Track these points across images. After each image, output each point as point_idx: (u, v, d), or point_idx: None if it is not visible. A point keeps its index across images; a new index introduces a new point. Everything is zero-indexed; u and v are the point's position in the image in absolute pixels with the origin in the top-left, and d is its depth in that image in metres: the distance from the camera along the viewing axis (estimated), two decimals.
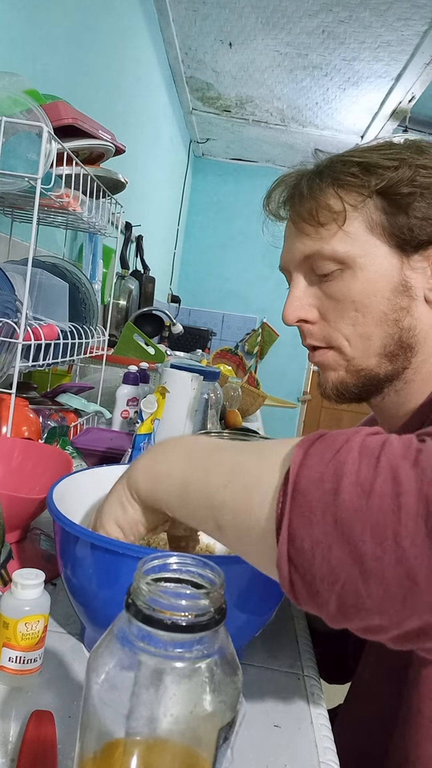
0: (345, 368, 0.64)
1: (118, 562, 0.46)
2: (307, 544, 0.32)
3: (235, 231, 4.70)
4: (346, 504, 0.32)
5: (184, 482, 0.43)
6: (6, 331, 0.82)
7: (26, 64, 1.31)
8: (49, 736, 0.42)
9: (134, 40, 2.33)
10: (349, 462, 0.33)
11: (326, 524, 0.32)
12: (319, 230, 0.61)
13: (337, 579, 0.32)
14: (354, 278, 0.60)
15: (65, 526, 0.49)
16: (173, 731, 0.27)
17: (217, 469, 0.41)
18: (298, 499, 0.33)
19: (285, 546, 0.33)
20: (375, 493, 0.31)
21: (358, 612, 0.32)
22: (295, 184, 0.65)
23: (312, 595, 0.33)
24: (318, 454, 0.35)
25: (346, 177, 0.60)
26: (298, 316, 0.65)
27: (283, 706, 0.52)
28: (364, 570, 0.31)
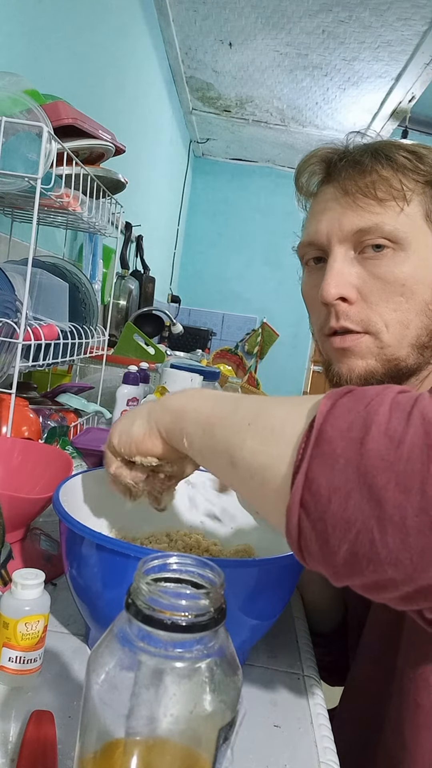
0: (376, 357, 0.60)
1: (123, 562, 0.46)
2: (324, 490, 0.32)
3: (235, 231, 4.70)
4: (372, 453, 0.31)
5: (210, 416, 0.43)
6: (6, 331, 0.82)
7: (26, 64, 1.31)
8: (49, 736, 0.42)
9: (134, 40, 2.33)
10: (380, 413, 0.33)
11: (348, 472, 0.31)
12: (380, 205, 0.58)
13: (353, 526, 0.31)
14: (406, 261, 0.58)
15: (71, 526, 0.49)
16: (173, 731, 0.27)
17: (244, 409, 0.41)
18: (322, 446, 0.33)
19: (300, 491, 0.33)
20: (405, 443, 0.31)
21: (369, 563, 0.31)
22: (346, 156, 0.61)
23: (321, 543, 0.33)
24: (347, 404, 0.34)
25: (403, 160, 0.59)
26: (340, 293, 0.59)
27: (283, 706, 0.52)
28: (384, 518, 0.30)
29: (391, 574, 0.31)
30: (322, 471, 0.32)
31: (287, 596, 0.55)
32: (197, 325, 4.04)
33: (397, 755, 0.54)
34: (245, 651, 0.56)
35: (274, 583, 0.51)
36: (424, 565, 0.30)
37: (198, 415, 0.44)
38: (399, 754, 0.53)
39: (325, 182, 0.64)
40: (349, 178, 0.60)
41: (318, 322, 0.65)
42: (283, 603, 0.55)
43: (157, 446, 0.49)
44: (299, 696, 0.54)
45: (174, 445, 0.48)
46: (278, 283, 4.66)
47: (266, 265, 4.67)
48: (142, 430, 0.49)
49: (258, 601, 0.51)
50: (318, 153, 0.65)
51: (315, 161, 0.65)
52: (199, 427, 0.44)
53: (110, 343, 1.72)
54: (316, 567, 0.34)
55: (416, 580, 0.30)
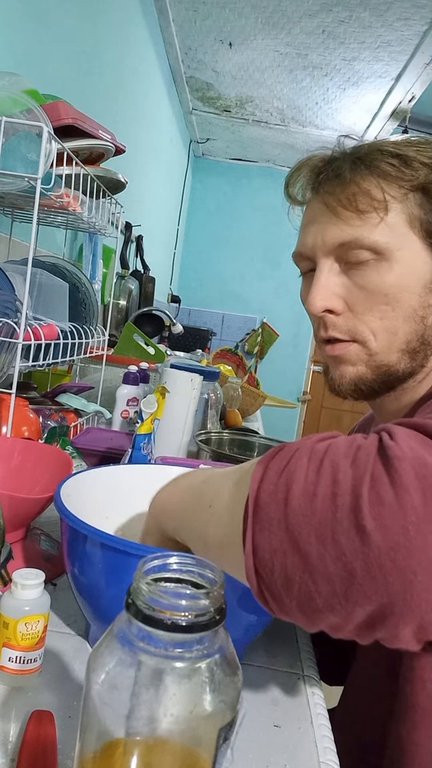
0: (366, 363, 0.61)
1: (125, 560, 0.46)
2: (267, 555, 0.34)
3: (235, 231, 4.70)
4: (295, 510, 0.33)
5: (182, 507, 0.46)
6: (6, 331, 0.82)
7: (26, 64, 1.31)
8: (49, 736, 0.42)
9: (134, 40, 2.33)
10: (297, 469, 0.35)
11: (280, 532, 0.33)
12: (359, 217, 0.59)
13: (293, 583, 0.33)
14: (389, 270, 0.59)
15: (73, 524, 0.49)
16: (173, 731, 0.27)
17: (206, 493, 0.44)
18: (258, 513, 0.35)
19: (251, 559, 0.35)
20: (318, 496, 0.33)
21: (314, 613, 0.33)
22: (329, 167, 0.62)
23: (277, 602, 0.35)
24: (275, 467, 0.36)
25: (386, 167, 0.58)
26: (326, 306, 0.61)
27: (283, 706, 0.52)
28: (313, 570, 0.32)
29: (332, 619, 0.33)
30: (262, 536, 0.34)
31: None
32: (197, 325, 4.04)
33: (395, 755, 0.54)
34: (243, 647, 0.56)
35: None
36: (350, 606, 0.32)
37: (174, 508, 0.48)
38: (397, 754, 0.54)
39: (313, 193, 0.65)
40: (330, 192, 0.61)
41: (314, 329, 0.67)
42: None
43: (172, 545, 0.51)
44: (299, 696, 0.54)
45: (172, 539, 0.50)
46: (278, 283, 4.66)
47: (266, 265, 4.67)
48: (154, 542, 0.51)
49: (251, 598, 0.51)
50: (307, 163, 0.65)
51: (304, 172, 0.65)
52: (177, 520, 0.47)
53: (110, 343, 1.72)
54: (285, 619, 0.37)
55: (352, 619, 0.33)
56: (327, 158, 0.64)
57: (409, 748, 0.52)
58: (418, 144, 0.60)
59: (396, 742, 0.54)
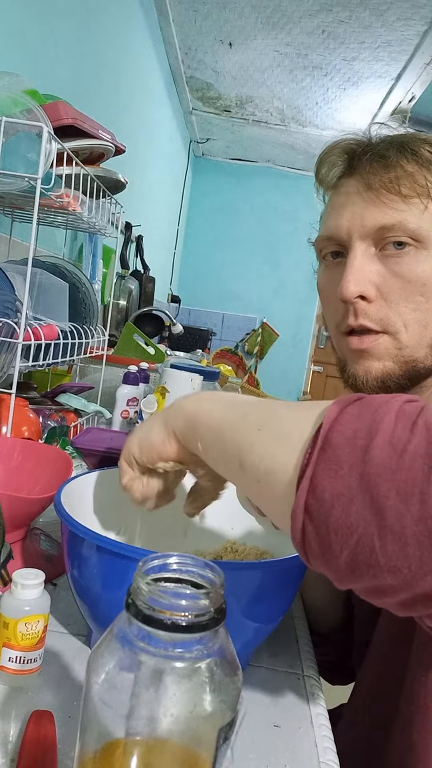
0: (393, 358, 0.58)
1: (124, 564, 0.46)
2: (327, 495, 0.32)
3: (235, 231, 4.70)
4: (375, 460, 0.31)
5: (222, 419, 0.43)
6: (6, 331, 0.82)
7: (26, 64, 1.31)
8: (49, 736, 0.42)
9: (134, 40, 2.33)
10: (385, 422, 0.33)
11: (352, 478, 0.32)
12: (402, 202, 0.57)
13: (353, 532, 0.31)
14: (428, 260, 0.57)
15: (73, 528, 0.49)
16: (173, 731, 0.27)
17: (255, 414, 0.41)
18: (327, 452, 0.33)
19: (304, 495, 0.33)
20: (407, 452, 0.31)
21: (369, 569, 0.31)
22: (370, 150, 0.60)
23: (324, 548, 0.33)
24: (354, 412, 0.34)
25: (427, 154, 0.57)
26: (360, 291, 0.57)
27: (283, 706, 0.52)
28: (384, 525, 0.30)
29: (389, 581, 0.31)
30: (326, 476, 0.33)
31: (290, 599, 0.54)
32: (197, 325, 4.04)
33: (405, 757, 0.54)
34: (248, 654, 0.56)
35: (277, 585, 0.51)
36: (421, 573, 0.30)
37: (210, 419, 0.45)
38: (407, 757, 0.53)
39: (347, 175, 0.62)
40: (373, 173, 0.58)
41: (335, 319, 0.63)
42: (286, 606, 0.54)
43: (175, 450, 0.49)
44: (299, 696, 0.54)
45: (190, 449, 0.48)
46: (278, 283, 4.66)
47: (266, 265, 4.67)
48: (160, 436, 0.49)
49: (261, 604, 0.50)
50: (340, 144, 0.63)
51: (337, 152, 0.63)
52: (210, 431, 0.44)
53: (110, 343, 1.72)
54: (320, 569, 0.35)
55: (414, 587, 0.31)
56: (363, 142, 0.62)
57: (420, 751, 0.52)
58: None
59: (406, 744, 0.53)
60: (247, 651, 0.56)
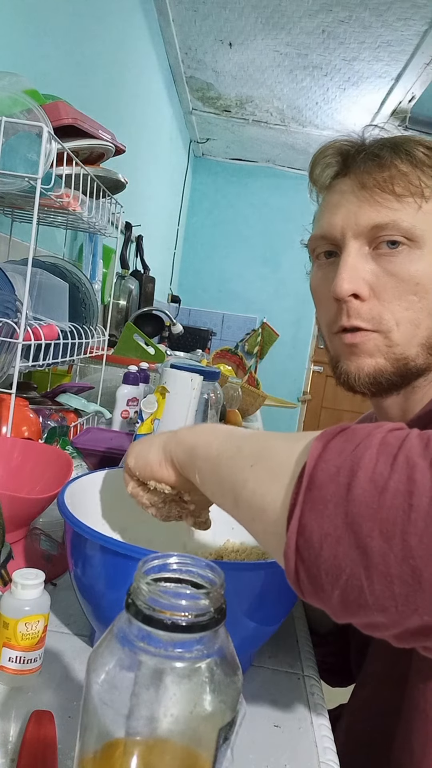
0: (385, 355, 0.59)
1: (128, 564, 0.46)
2: (315, 537, 0.32)
3: (235, 231, 4.69)
4: (358, 499, 0.31)
5: (219, 453, 0.44)
6: (6, 331, 0.82)
7: (26, 64, 1.31)
8: (49, 736, 0.42)
9: (134, 40, 2.33)
10: (366, 458, 0.33)
11: (337, 518, 0.32)
12: (396, 201, 0.57)
13: (342, 573, 0.31)
14: (421, 259, 0.57)
15: (77, 528, 0.49)
16: (173, 731, 0.27)
17: (249, 448, 0.42)
18: (312, 491, 0.33)
19: (294, 537, 0.33)
20: (388, 490, 0.31)
21: (360, 608, 0.32)
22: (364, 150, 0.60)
23: (316, 588, 0.33)
24: (337, 447, 0.34)
25: (421, 155, 0.57)
26: (353, 289, 0.58)
27: (283, 706, 0.52)
28: (369, 566, 0.30)
29: (379, 618, 0.32)
30: (313, 517, 0.33)
31: (293, 600, 0.54)
32: (197, 325, 4.04)
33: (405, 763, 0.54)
34: (251, 655, 0.56)
35: (280, 586, 0.51)
36: (408, 612, 0.30)
37: (208, 452, 0.45)
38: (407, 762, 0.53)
39: (341, 175, 0.62)
40: (367, 172, 0.58)
41: (327, 318, 0.63)
42: (288, 606, 0.54)
43: (171, 476, 0.50)
44: (299, 696, 0.54)
45: (189, 479, 0.49)
46: (278, 283, 4.66)
47: (266, 265, 4.67)
48: (157, 458, 0.50)
49: (264, 605, 0.50)
50: (334, 145, 0.63)
51: (330, 153, 0.63)
52: (209, 464, 0.45)
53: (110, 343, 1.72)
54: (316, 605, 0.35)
55: (403, 624, 0.31)
56: (357, 143, 0.62)
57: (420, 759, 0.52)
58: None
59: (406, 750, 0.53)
60: (250, 652, 0.56)
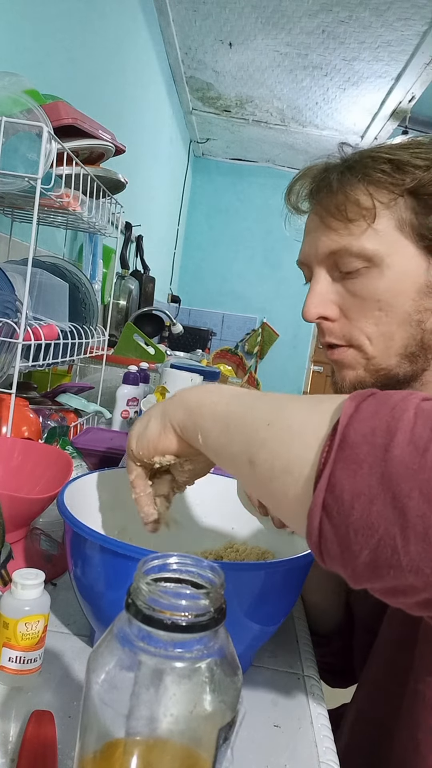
0: (364, 367, 0.62)
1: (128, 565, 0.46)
2: (347, 495, 0.32)
3: (235, 231, 4.70)
4: (396, 460, 0.31)
5: (227, 413, 0.43)
6: (6, 331, 0.82)
7: (26, 64, 1.31)
8: (49, 736, 0.42)
9: (134, 40, 2.33)
10: (404, 420, 0.32)
11: (372, 477, 0.31)
12: (348, 226, 0.60)
13: (375, 533, 0.31)
14: (380, 277, 0.59)
15: (77, 528, 0.49)
16: (173, 731, 0.27)
17: (264, 408, 0.41)
18: (345, 450, 0.33)
19: (322, 494, 0.33)
20: (429, 452, 0.31)
21: (390, 569, 0.31)
22: (322, 177, 0.63)
23: (343, 547, 0.32)
24: (371, 408, 0.34)
25: (376, 174, 0.59)
26: (320, 313, 0.63)
27: (283, 706, 0.52)
28: (406, 526, 0.30)
29: (411, 580, 0.31)
30: (345, 475, 0.32)
31: (293, 600, 0.54)
32: (197, 325, 4.04)
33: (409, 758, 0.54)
34: (251, 656, 0.56)
35: (281, 586, 0.51)
36: None
37: (214, 411, 0.44)
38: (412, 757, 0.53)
39: (309, 203, 0.66)
40: (321, 202, 0.62)
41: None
42: (289, 606, 0.54)
43: (173, 443, 0.48)
44: (299, 696, 0.54)
45: (189, 442, 0.47)
46: (278, 283, 4.66)
47: (266, 265, 4.67)
48: (157, 429, 0.49)
49: (264, 605, 0.50)
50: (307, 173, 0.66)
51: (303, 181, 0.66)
52: (215, 423, 0.43)
53: (110, 343, 1.72)
54: (336, 569, 0.34)
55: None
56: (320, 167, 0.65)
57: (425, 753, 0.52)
58: (419, 145, 0.60)
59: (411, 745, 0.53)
60: (251, 652, 0.56)
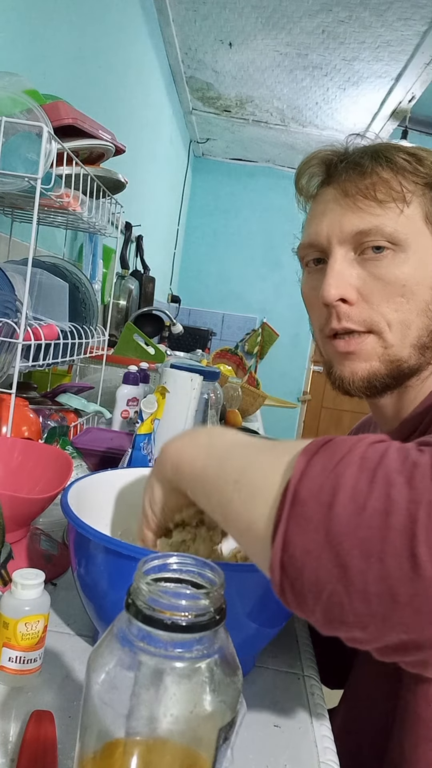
0: (379, 357, 0.60)
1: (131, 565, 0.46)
2: (298, 553, 0.33)
3: (235, 231, 4.69)
4: (339, 518, 0.32)
5: (203, 470, 0.43)
6: (6, 331, 0.82)
7: (26, 64, 1.31)
8: (49, 736, 0.42)
9: (134, 40, 2.33)
10: (347, 475, 0.33)
11: (318, 535, 0.32)
12: (381, 206, 0.59)
13: (323, 590, 0.32)
14: (406, 262, 0.59)
15: (80, 529, 0.49)
16: (173, 731, 0.27)
17: (233, 464, 0.41)
18: (296, 508, 0.34)
19: (279, 553, 0.34)
20: (367, 509, 0.31)
21: (342, 624, 0.32)
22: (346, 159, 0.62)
23: (300, 603, 0.34)
24: (320, 463, 0.35)
25: (402, 162, 0.59)
26: (341, 294, 0.60)
27: (283, 706, 0.52)
28: (349, 583, 0.31)
29: (359, 635, 0.32)
30: (296, 533, 0.33)
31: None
32: (197, 325, 4.04)
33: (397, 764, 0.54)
34: (254, 657, 0.56)
35: None
36: (386, 629, 0.31)
37: (193, 469, 0.45)
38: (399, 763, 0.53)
39: (325, 184, 0.64)
40: (350, 180, 0.60)
41: (318, 323, 0.65)
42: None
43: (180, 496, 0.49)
44: (299, 696, 0.54)
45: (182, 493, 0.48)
46: (278, 283, 4.66)
47: (266, 265, 4.67)
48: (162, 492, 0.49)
49: (267, 607, 0.50)
50: (318, 155, 0.65)
51: (315, 163, 0.65)
52: (196, 482, 0.44)
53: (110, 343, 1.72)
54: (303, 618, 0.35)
55: (382, 640, 0.31)
56: (340, 152, 0.64)
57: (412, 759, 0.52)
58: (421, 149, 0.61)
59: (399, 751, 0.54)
60: (253, 654, 0.56)
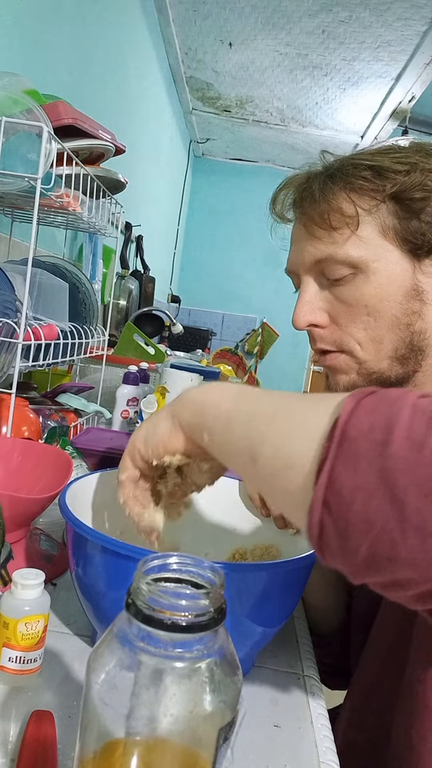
0: (356, 371, 0.63)
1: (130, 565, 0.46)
2: (346, 490, 0.32)
3: (235, 231, 4.70)
4: (394, 456, 0.32)
5: (230, 411, 0.43)
6: (6, 331, 0.82)
7: (26, 64, 1.31)
8: (49, 736, 0.42)
9: (134, 40, 2.33)
10: (402, 416, 0.33)
11: (371, 473, 0.32)
12: (332, 234, 0.61)
13: (373, 527, 0.31)
14: (367, 282, 0.60)
15: (78, 529, 0.49)
16: (173, 731, 0.27)
17: (266, 405, 0.41)
18: (344, 446, 0.33)
19: (323, 490, 0.33)
20: (426, 447, 0.31)
21: (389, 563, 0.32)
22: (305, 186, 0.64)
23: (342, 541, 0.33)
24: (370, 405, 0.35)
25: (358, 181, 0.60)
26: (309, 321, 0.64)
27: (283, 706, 0.52)
28: (404, 520, 0.31)
29: (409, 573, 0.31)
30: (345, 471, 0.33)
31: (296, 600, 0.54)
32: (197, 325, 4.04)
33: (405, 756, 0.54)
34: (254, 657, 0.56)
35: (283, 587, 0.51)
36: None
37: (218, 409, 0.44)
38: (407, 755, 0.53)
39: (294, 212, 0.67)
40: (304, 211, 0.64)
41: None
42: (291, 607, 0.54)
43: (181, 442, 0.48)
44: (299, 696, 0.54)
45: (196, 441, 0.47)
46: (278, 283, 4.66)
47: (266, 265, 4.67)
48: (167, 429, 0.49)
49: (267, 606, 0.50)
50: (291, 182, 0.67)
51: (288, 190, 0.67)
52: (220, 422, 0.44)
53: (110, 343, 1.72)
54: (335, 564, 0.35)
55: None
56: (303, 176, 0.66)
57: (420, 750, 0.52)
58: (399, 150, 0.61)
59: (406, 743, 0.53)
60: (253, 653, 0.56)
